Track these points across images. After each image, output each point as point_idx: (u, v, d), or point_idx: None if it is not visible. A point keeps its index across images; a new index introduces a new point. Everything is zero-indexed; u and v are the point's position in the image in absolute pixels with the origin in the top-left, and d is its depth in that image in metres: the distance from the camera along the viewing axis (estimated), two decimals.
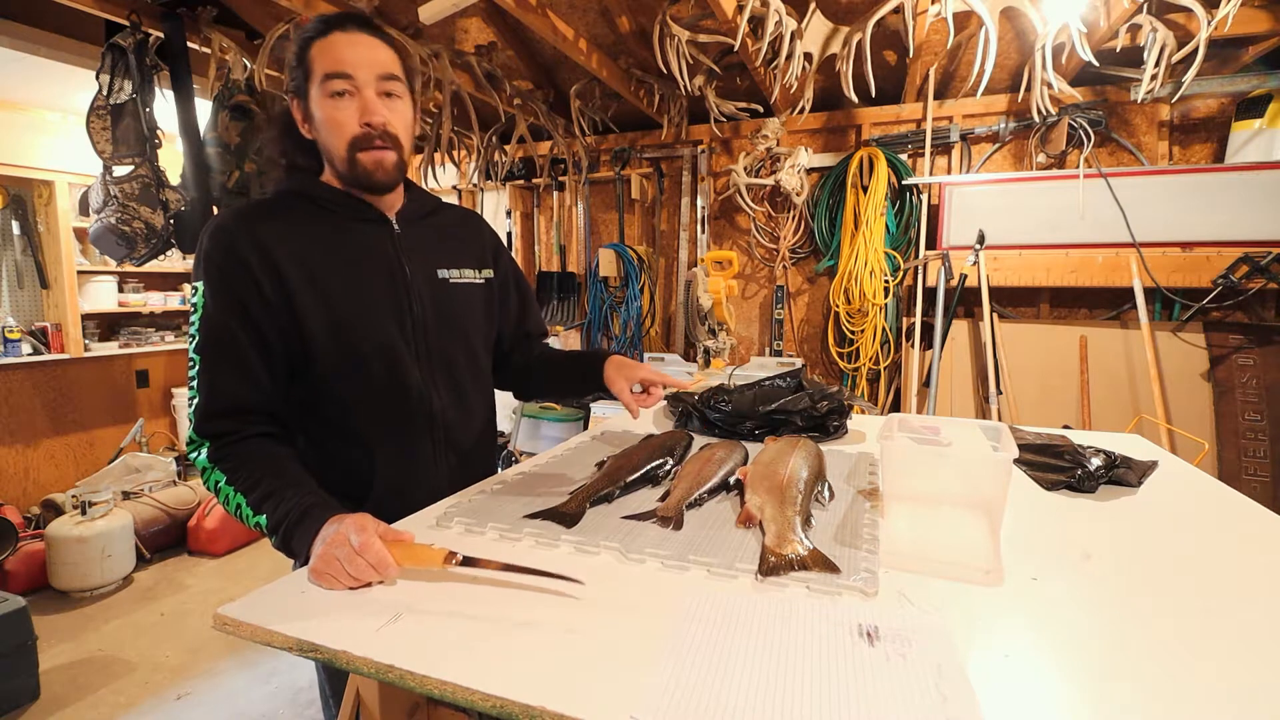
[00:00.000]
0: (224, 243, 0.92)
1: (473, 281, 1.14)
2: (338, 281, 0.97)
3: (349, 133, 0.95)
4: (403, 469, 1.03)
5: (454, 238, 1.15)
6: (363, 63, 0.94)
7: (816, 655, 0.58)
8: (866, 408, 1.74)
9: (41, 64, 2.57)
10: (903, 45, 2.46)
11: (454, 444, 1.09)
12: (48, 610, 2.76)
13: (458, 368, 1.09)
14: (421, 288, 1.05)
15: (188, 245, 2.47)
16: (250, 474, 0.87)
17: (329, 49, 0.94)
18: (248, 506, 0.85)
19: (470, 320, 1.13)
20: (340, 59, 0.93)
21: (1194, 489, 1.11)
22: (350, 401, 0.99)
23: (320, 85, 0.94)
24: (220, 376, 0.90)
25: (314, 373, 0.97)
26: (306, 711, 2.15)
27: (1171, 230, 2.80)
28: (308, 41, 0.95)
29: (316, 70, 0.94)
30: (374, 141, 0.95)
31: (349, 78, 0.93)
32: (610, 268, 3.82)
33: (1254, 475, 2.64)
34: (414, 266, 1.05)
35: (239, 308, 0.91)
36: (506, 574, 0.69)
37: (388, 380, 1.01)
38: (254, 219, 0.96)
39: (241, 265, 0.92)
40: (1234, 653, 0.60)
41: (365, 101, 0.94)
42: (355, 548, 0.72)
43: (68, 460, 3.74)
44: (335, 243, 0.99)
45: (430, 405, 1.05)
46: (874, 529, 0.86)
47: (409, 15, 2.58)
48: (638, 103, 3.33)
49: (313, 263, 0.96)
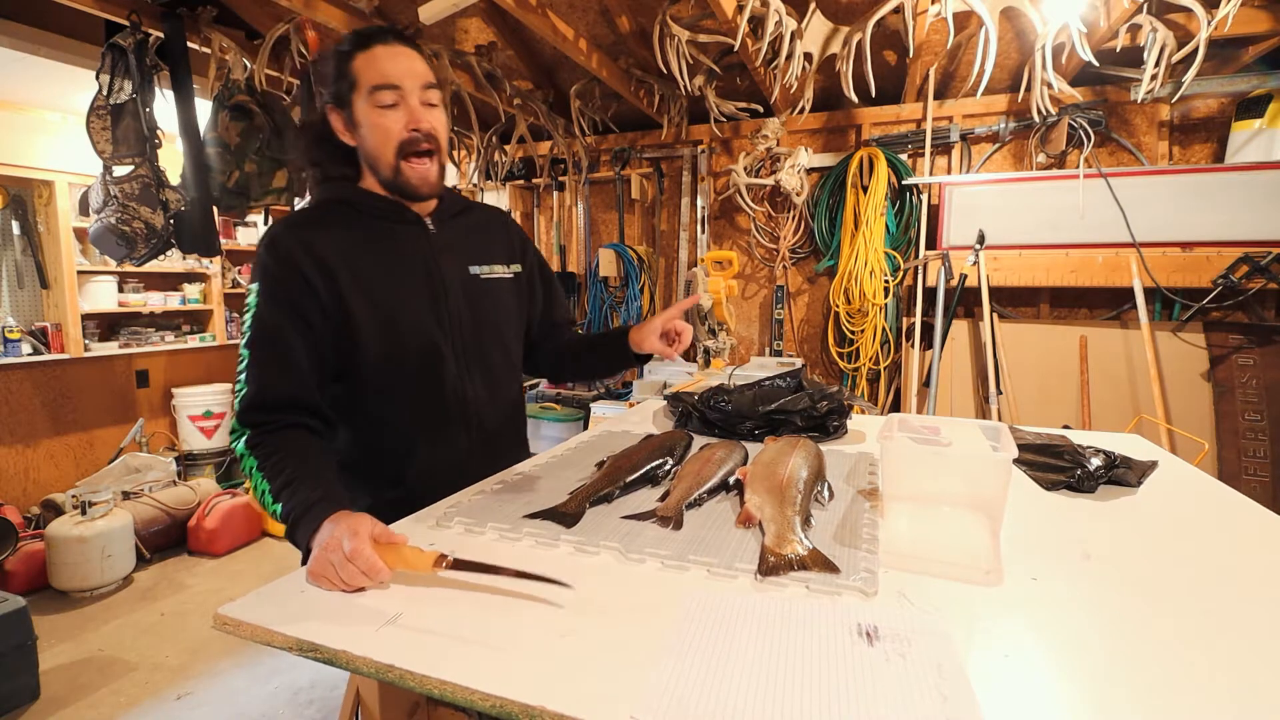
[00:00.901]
0: (278, 247, 0.99)
1: (503, 277, 1.20)
2: (381, 282, 1.04)
3: (396, 138, 1.01)
4: (438, 456, 1.10)
5: (483, 235, 1.21)
6: (407, 73, 1.01)
7: (816, 655, 0.58)
8: (866, 408, 1.74)
9: (41, 64, 2.57)
10: (903, 45, 2.46)
11: (486, 433, 1.16)
12: (48, 610, 2.76)
13: (491, 360, 1.16)
14: (456, 285, 1.12)
15: (187, 245, 2.47)
16: (278, 463, 0.90)
17: (374, 62, 1.00)
18: (270, 494, 0.88)
19: (502, 314, 1.19)
20: (386, 71, 1.00)
21: (1194, 489, 1.11)
22: (392, 394, 1.06)
23: (368, 96, 1.00)
24: (267, 370, 0.96)
25: (360, 367, 1.04)
26: (306, 711, 2.15)
27: (1171, 230, 2.80)
28: (348, 55, 1.02)
29: (363, 82, 1.00)
30: (420, 145, 1.02)
31: (397, 88, 1.00)
32: (610, 268, 3.82)
33: (1254, 475, 2.64)
34: (448, 265, 1.12)
35: (289, 306, 0.98)
36: (496, 577, 0.69)
37: (427, 374, 1.08)
38: (304, 227, 1.03)
39: (295, 270, 0.98)
40: (1234, 653, 0.60)
41: (411, 109, 1.01)
42: (347, 554, 0.72)
43: (68, 460, 3.74)
44: (376, 245, 1.06)
45: (465, 396, 1.12)
46: (874, 529, 0.86)
47: (409, 15, 2.58)
48: (638, 103, 3.33)
49: (358, 264, 1.03)
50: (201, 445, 4.16)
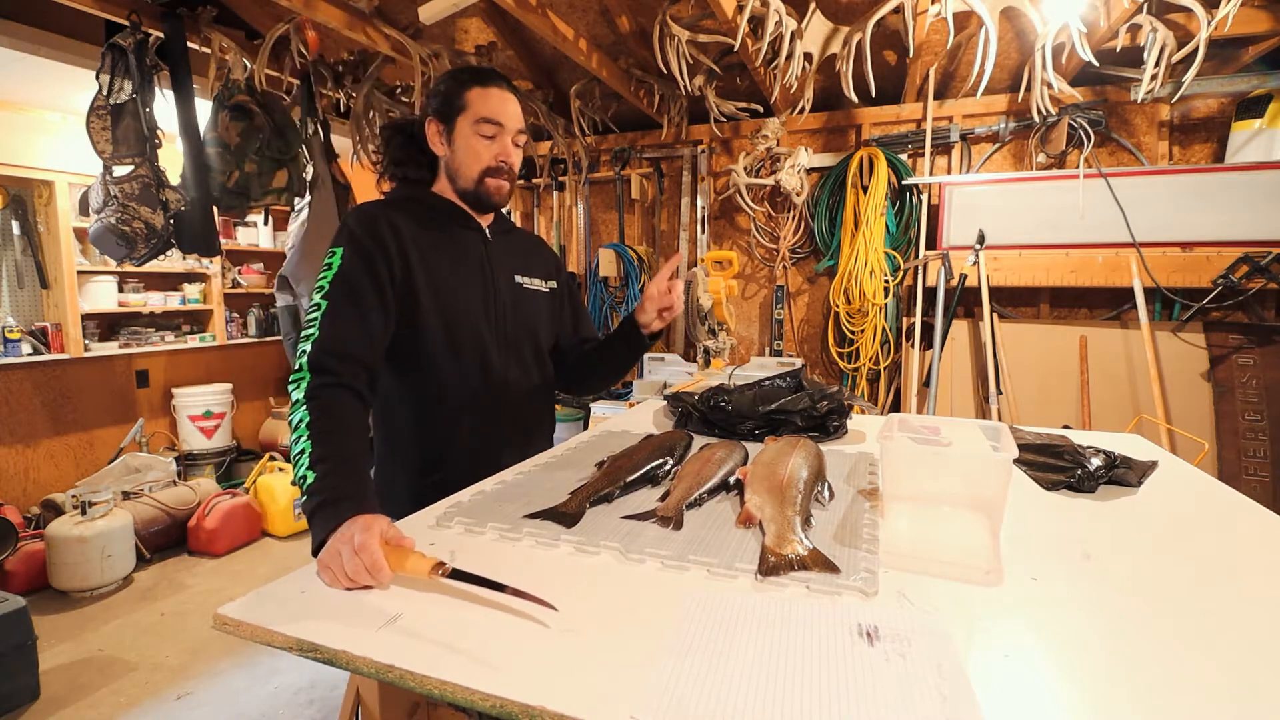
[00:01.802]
0: (366, 219, 1.14)
1: (540, 289, 1.38)
2: (444, 272, 1.20)
3: (486, 163, 1.21)
4: (478, 438, 1.23)
5: (527, 252, 1.39)
6: (511, 116, 1.22)
7: (816, 655, 0.58)
8: (866, 408, 1.74)
9: (41, 64, 2.57)
10: (903, 45, 2.46)
11: (519, 416, 1.31)
12: (48, 610, 2.76)
13: (526, 353, 1.32)
14: (504, 287, 1.29)
15: (188, 245, 2.47)
16: (327, 429, 0.94)
17: (488, 99, 1.19)
18: (307, 457, 0.90)
19: (537, 319, 1.36)
20: (497, 111, 1.20)
21: (1194, 489, 1.11)
22: (444, 375, 1.19)
23: (474, 124, 1.19)
24: (342, 320, 1.05)
25: (418, 346, 1.17)
26: (306, 711, 2.15)
27: (1171, 230, 2.80)
28: (467, 84, 1.20)
29: (472, 111, 1.19)
30: (502, 174, 1.23)
31: (500, 125, 1.20)
32: (610, 268, 3.82)
33: (1254, 475, 2.64)
34: (499, 270, 1.29)
35: (371, 270, 1.10)
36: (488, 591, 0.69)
37: (476, 359, 1.22)
38: (389, 208, 1.19)
39: (379, 239, 1.13)
40: (1234, 653, 0.60)
41: (505, 146, 1.22)
42: (355, 547, 0.73)
43: (68, 460, 3.74)
44: (443, 243, 1.22)
45: (506, 380, 1.27)
46: (874, 529, 0.86)
47: (409, 15, 2.58)
48: (638, 103, 3.33)
49: (427, 254, 1.18)
50: (201, 445, 4.16)
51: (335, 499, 0.84)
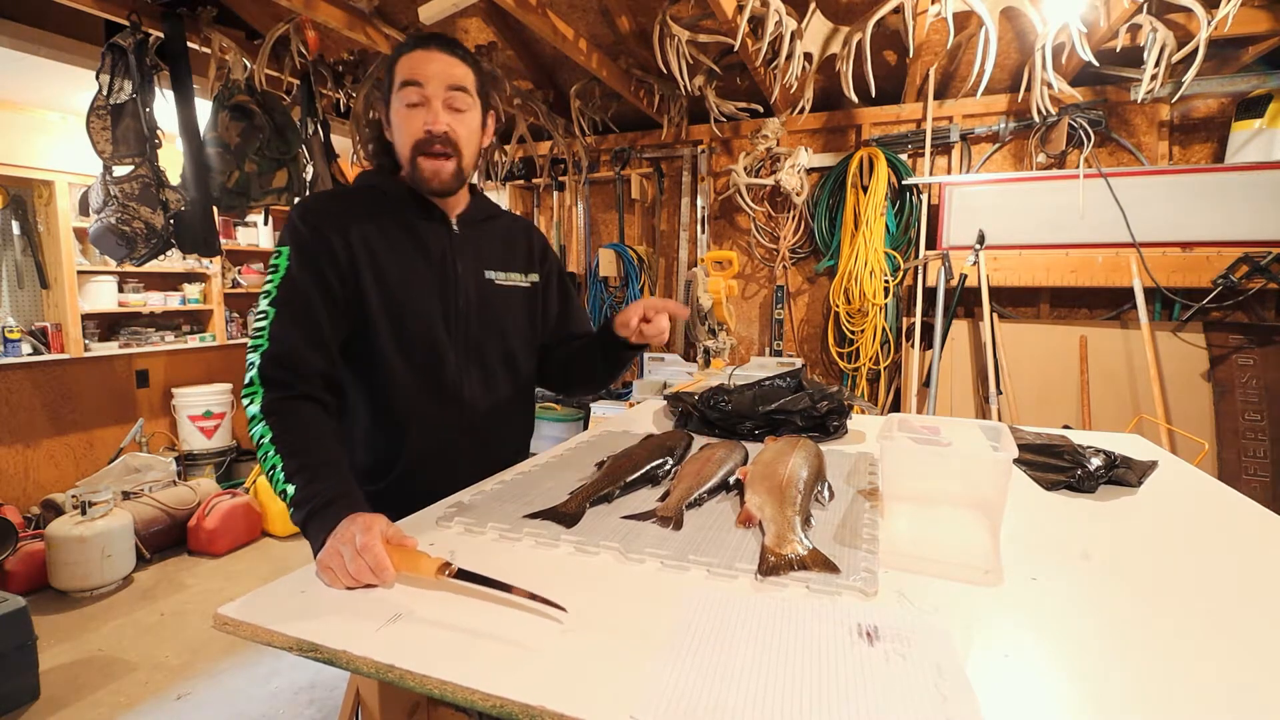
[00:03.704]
0: (311, 216, 1.05)
1: (517, 285, 1.23)
2: (395, 269, 1.08)
3: (413, 136, 1.05)
4: (429, 448, 1.12)
5: (506, 243, 1.25)
6: (434, 75, 1.04)
7: (816, 655, 0.58)
8: (866, 408, 1.74)
9: (41, 64, 2.57)
10: (903, 45, 2.46)
11: (480, 432, 1.18)
12: (48, 610, 2.76)
13: (491, 362, 1.19)
14: (469, 285, 1.15)
15: (188, 245, 2.47)
16: (293, 440, 0.90)
17: (410, 62, 1.05)
18: (281, 471, 0.87)
19: (510, 321, 1.22)
20: (415, 70, 1.04)
21: (1194, 489, 1.11)
22: (392, 379, 1.09)
23: (397, 93, 1.05)
24: (292, 329, 0.98)
25: (367, 347, 1.08)
26: (306, 711, 2.15)
27: (1171, 230, 2.80)
28: (397, 56, 1.07)
29: (396, 80, 1.05)
30: (433, 146, 1.05)
31: (420, 86, 1.04)
32: (610, 268, 3.82)
33: (1254, 475, 2.64)
34: (464, 265, 1.15)
35: (317, 272, 1.01)
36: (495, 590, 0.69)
37: (426, 364, 1.11)
38: (337, 201, 1.10)
39: (324, 238, 1.03)
40: (1234, 653, 0.60)
41: (433, 112, 1.04)
42: (358, 548, 0.72)
43: (68, 460, 3.74)
44: (398, 235, 1.10)
45: (461, 393, 1.14)
46: (874, 529, 0.86)
47: (409, 15, 2.58)
48: (638, 103, 3.33)
49: (377, 248, 1.07)
50: (201, 445, 4.15)
51: (325, 503, 0.83)
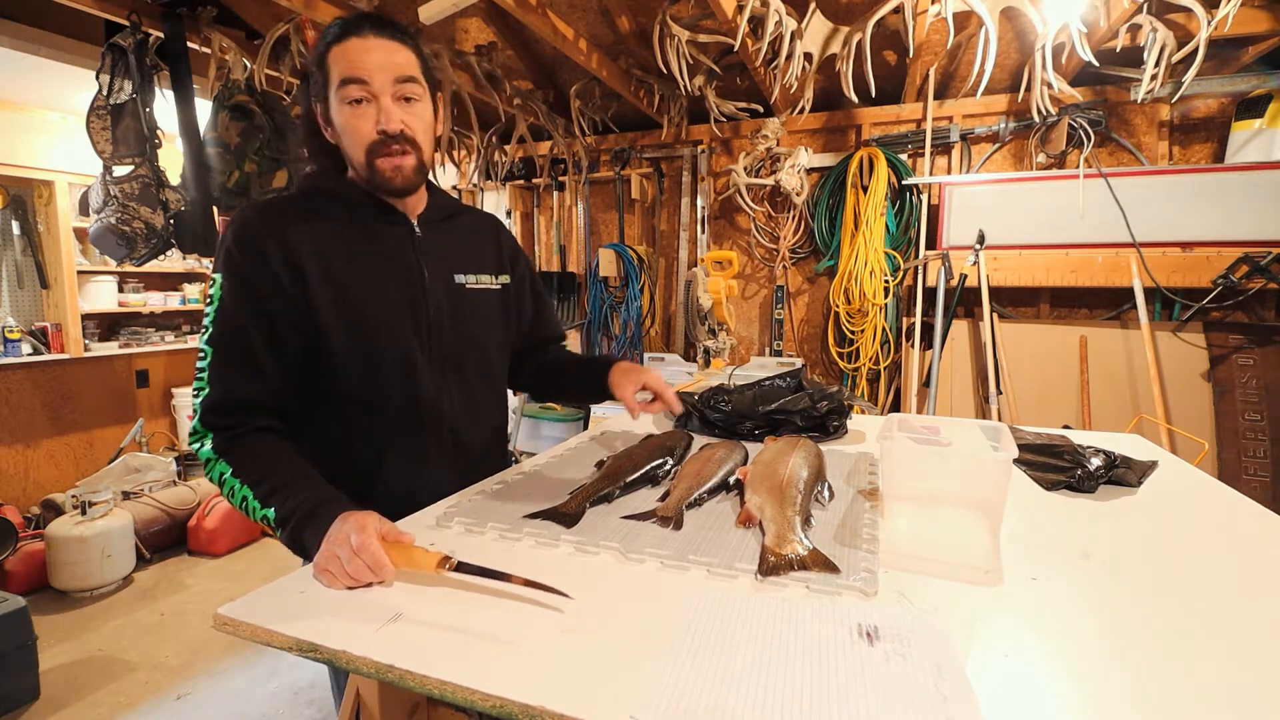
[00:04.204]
0: (246, 236, 0.93)
1: (489, 287, 1.14)
2: (357, 282, 0.98)
3: (366, 140, 0.95)
4: (409, 469, 1.04)
5: (472, 243, 1.15)
6: (378, 67, 0.93)
7: (816, 655, 0.58)
8: (866, 408, 1.74)
9: (41, 64, 2.57)
10: (903, 45, 2.46)
11: (462, 447, 1.10)
12: (48, 610, 2.76)
13: (469, 373, 1.09)
14: (439, 292, 1.05)
15: (188, 245, 2.47)
16: (257, 467, 0.87)
17: (345, 54, 0.93)
18: (254, 499, 0.84)
19: (484, 326, 1.13)
20: (355, 64, 0.92)
21: (1194, 489, 1.11)
22: (362, 399, 1.00)
23: (337, 91, 0.94)
24: (231, 371, 0.90)
25: (329, 368, 0.97)
26: (306, 711, 2.15)
27: (1171, 230, 2.80)
28: (326, 47, 0.95)
29: (334, 76, 0.94)
30: (390, 147, 0.95)
31: (365, 84, 0.93)
32: (610, 268, 3.82)
33: (1254, 475, 2.64)
34: (432, 270, 1.05)
35: (255, 302, 0.91)
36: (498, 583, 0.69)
37: (400, 382, 1.01)
38: (278, 214, 0.97)
39: (261, 259, 0.92)
40: (1234, 653, 0.60)
41: (382, 108, 0.93)
42: (354, 547, 0.72)
43: (68, 460, 3.74)
44: (356, 243, 1.00)
45: (440, 408, 1.05)
46: (874, 529, 0.86)
47: (409, 15, 2.57)
48: (638, 103, 3.33)
49: (332, 261, 0.96)
50: None
51: (310, 511, 0.81)
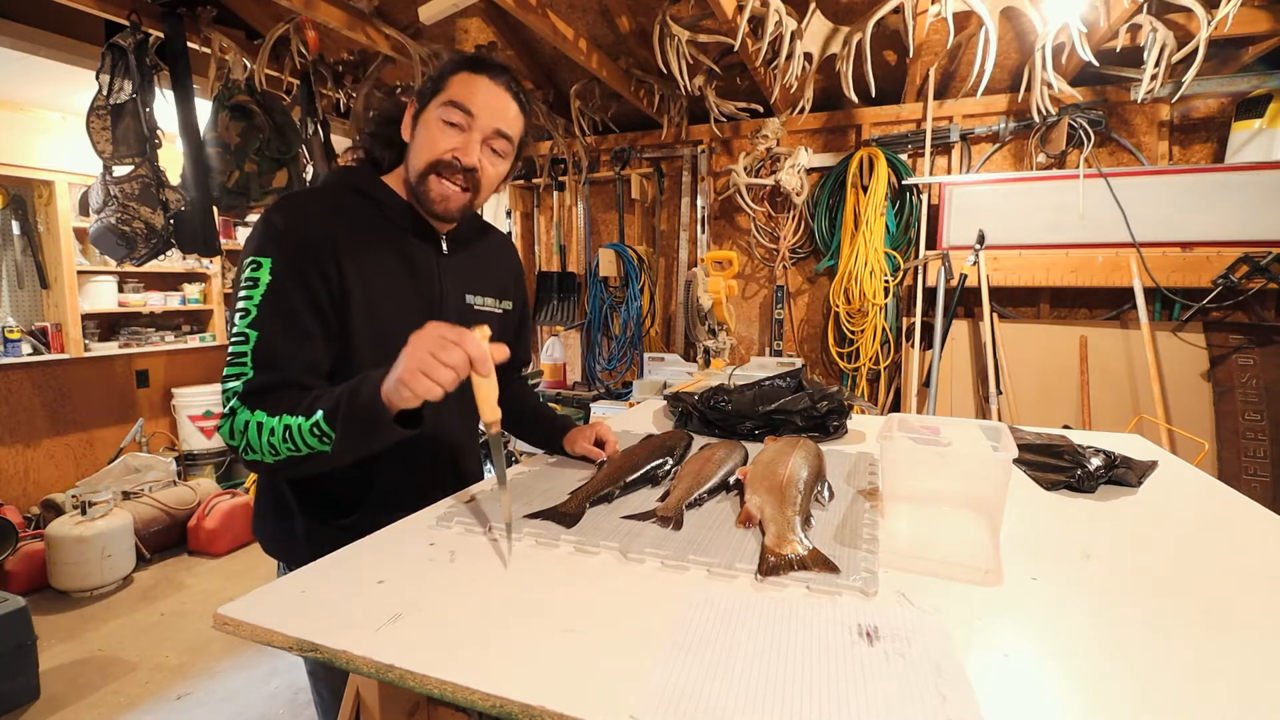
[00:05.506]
0: (296, 222, 0.93)
1: (492, 311, 1.17)
2: (385, 291, 0.99)
3: (438, 152, 0.97)
4: (402, 481, 1.05)
5: (488, 265, 1.18)
6: (489, 111, 0.97)
7: (816, 655, 0.58)
8: (866, 408, 1.74)
9: (41, 64, 2.57)
10: (903, 45, 2.46)
11: (457, 464, 1.13)
12: (48, 610, 2.76)
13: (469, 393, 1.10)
14: (451, 312, 1.08)
15: (188, 245, 2.47)
16: (292, 402, 0.85)
17: (468, 84, 0.97)
18: (294, 416, 0.82)
19: None
20: (471, 96, 0.96)
21: (1194, 489, 1.11)
22: None
23: (441, 106, 0.96)
24: (282, 346, 0.88)
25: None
26: (306, 711, 2.15)
27: (1171, 230, 2.80)
28: (456, 67, 0.99)
29: (446, 93, 0.97)
30: (455, 175, 0.98)
31: (471, 116, 0.96)
32: (610, 268, 3.82)
33: (1254, 475, 2.64)
34: (450, 290, 1.08)
35: (306, 285, 0.91)
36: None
37: None
38: (321, 208, 0.97)
39: (311, 246, 0.92)
40: (1233, 653, 0.60)
41: (468, 142, 0.97)
42: (440, 333, 0.76)
43: (68, 460, 3.74)
44: (389, 253, 1.01)
45: (441, 420, 1.07)
46: (874, 529, 0.86)
47: (409, 15, 2.58)
48: (638, 103, 3.33)
49: (366, 266, 0.97)
50: (201, 445, 4.16)
51: (360, 379, 0.82)
